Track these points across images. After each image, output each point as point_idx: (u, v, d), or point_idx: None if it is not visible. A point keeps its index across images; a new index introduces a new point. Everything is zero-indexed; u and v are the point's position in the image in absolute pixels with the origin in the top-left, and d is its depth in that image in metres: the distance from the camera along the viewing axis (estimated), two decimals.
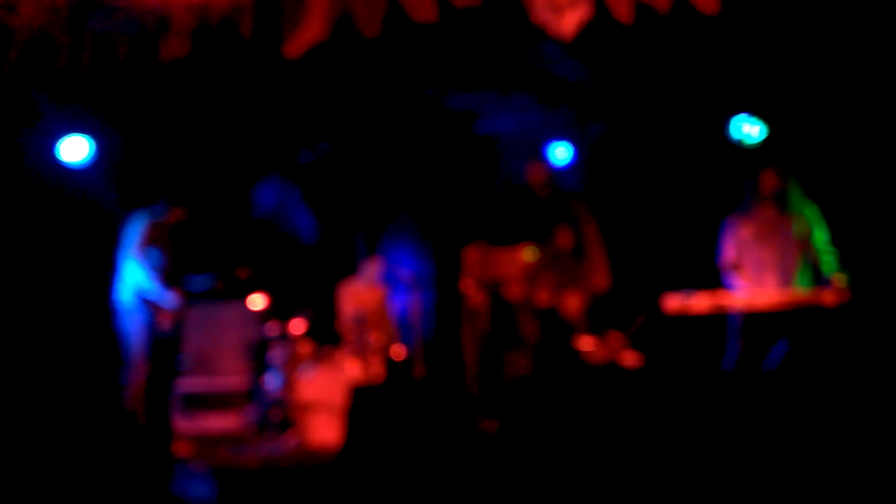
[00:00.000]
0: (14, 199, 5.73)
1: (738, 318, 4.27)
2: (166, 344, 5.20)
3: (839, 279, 4.23)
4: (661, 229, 5.95)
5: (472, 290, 4.71)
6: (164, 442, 4.98)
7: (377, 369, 5.42)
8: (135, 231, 5.00)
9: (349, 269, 6.87)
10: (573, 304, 4.70)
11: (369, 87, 5.98)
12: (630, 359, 5.02)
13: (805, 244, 4.54)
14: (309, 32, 2.89)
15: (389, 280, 7.22)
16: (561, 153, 6.52)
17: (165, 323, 5.01)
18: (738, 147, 5.25)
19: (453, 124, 6.81)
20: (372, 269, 6.35)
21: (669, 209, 5.90)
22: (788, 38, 4.57)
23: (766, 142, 5.22)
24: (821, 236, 4.52)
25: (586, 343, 5.40)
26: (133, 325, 4.95)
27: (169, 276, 5.14)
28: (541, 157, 4.87)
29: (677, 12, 2.81)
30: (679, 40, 4.55)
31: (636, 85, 5.76)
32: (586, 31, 2.89)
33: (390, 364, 5.60)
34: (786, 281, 4.52)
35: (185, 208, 5.27)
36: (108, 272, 5.24)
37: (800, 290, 4.39)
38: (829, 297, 4.17)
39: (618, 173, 6.33)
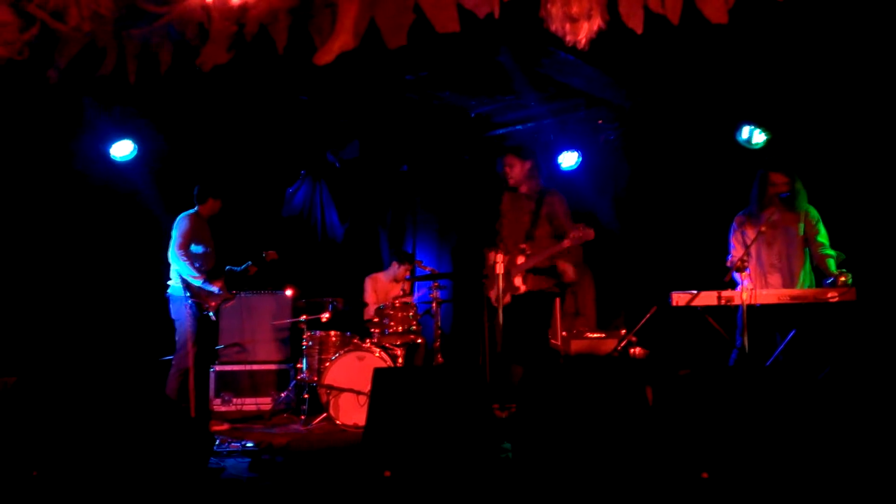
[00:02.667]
0: (65, 194, 5.81)
1: (743, 314, 4.20)
2: (206, 330, 5.26)
3: (844, 278, 4.14)
4: (671, 228, 5.88)
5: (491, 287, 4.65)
6: (202, 420, 5.05)
7: (399, 358, 5.43)
8: (177, 231, 5.08)
9: (374, 263, 6.88)
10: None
11: (393, 92, 5.96)
12: (638, 351, 4.98)
13: (810, 245, 4.45)
14: (338, 41, 2.88)
15: (412, 274, 7.24)
16: (569, 159, 6.48)
17: (212, 308, 5.09)
18: (745, 150, 5.16)
19: (472, 129, 6.80)
20: (399, 270, 6.40)
21: (680, 208, 5.83)
22: (795, 46, 4.48)
23: (771, 145, 5.13)
24: (825, 237, 4.43)
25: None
26: (181, 313, 5.02)
27: (211, 265, 5.21)
28: (524, 155, 4.70)
29: (688, 22, 2.76)
30: (690, 49, 4.48)
31: (648, 91, 5.69)
32: (600, 39, 2.85)
33: (410, 352, 5.61)
34: (790, 281, 4.43)
35: (219, 198, 5.31)
36: (158, 262, 5.31)
37: (804, 289, 4.31)
38: (833, 295, 4.09)
39: (630, 175, 6.27)
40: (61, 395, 3.31)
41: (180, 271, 5.02)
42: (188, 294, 4.95)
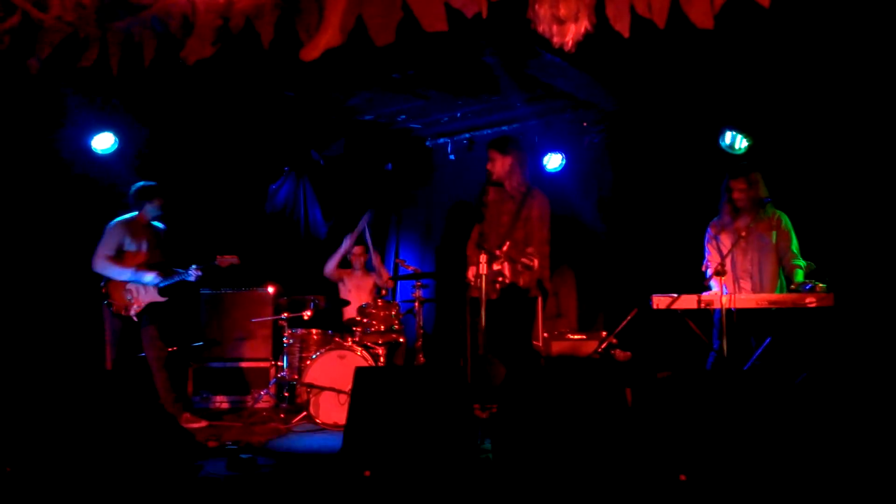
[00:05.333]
0: (45, 186, 5.71)
1: (721, 318, 4.23)
2: (185, 327, 5.20)
3: (819, 286, 4.18)
4: (653, 231, 5.92)
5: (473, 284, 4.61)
6: (180, 419, 4.99)
7: (381, 357, 5.41)
8: (108, 236, 5.04)
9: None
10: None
11: (379, 90, 5.94)
12: (619, 354, 5.00)
13: (782, 253, 4.49)
14: (325, 37, 2.85)
15: (394, 273, 7.23)
16: (554, 160, 6.50)
17: (125, 311, 5.01)
18: (728, 155, 5.20)
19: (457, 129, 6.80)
20: (360, 259, 6.42)
21: (662, 212, 5.86)
22: (779, 52, 4.53)
23: (753, 150, 5.18)
24: (796, 247, 4.47)
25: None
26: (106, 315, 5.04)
27: (145, 267, 5.12)
28: (504, 149, 4.46)
29: (674, 27, 2.77)
30: (676, 53, 4.51)
31: (634, 94, 5.72)
32: (587, 42, 2.85)
33: (392, 351, 5.60)
34: (759, 287, 4.47)
35: (161, 199, 5.19)
36: None
37: (783, 294, 4.35)
38: (811, 300, 4.13)
39: (614, 178, 6.30)
40: (35, 391, 3.26)
41: (108, 275, 5.01)
42: (105, 298, 4.97)
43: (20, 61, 3.18)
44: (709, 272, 4.48)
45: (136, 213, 5.19)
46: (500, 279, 4.35)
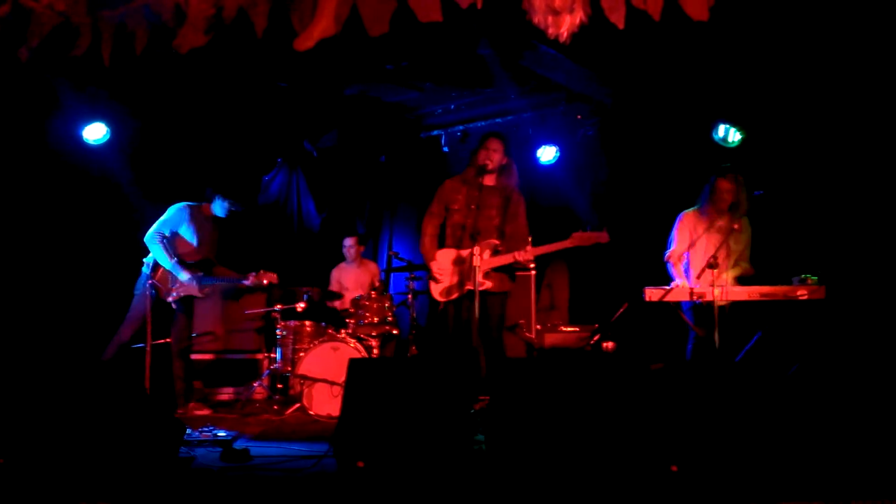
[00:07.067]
0: (35, 177, 5.68)
1: (714, 311, 4.23)
2: (177, 316, 5.18)
3: (811, 279, 4.20)
4: (647, 223, 5.92)
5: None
6: (174, 409, 4.99)
7: (374, 349, 5.41)
8: (170, 216, 4.98)
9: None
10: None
11: (372, 81, 5.92)
12: (608, 345, 5.03)
13: (742, 250, 4.52)
14: (319, 27, 2.84)
15: (387, 265, 7.22)
16: (548, 153, 6.50)
17: (169, 298, 4.97)
18: (719, 149, 5.21)
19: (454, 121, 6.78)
20: (351, 251, 6.41)
21: (656, 205, 5.87)
22: (773, 45, 4.54)
23: (746, 144, 5.19)
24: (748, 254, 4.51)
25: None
26: (140, 290, 4.95)
27: (197, 261, 5.09)
28: (507, 146, 4.52)
29: (669, 19, 2.77)
30: (670, 45, 4.51)
31: (628, 87, 5.72)
32: (582, 33, 2.85)
33: (385, 343, 5.60)
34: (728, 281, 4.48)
35: (234, 202, 5.19)
36: (130, 248, 5.21)
37: (774, 287, 4.36)
38: (803, 293, 4.15)
39: (608, 171, 6.30)
40: (28, 381, 3.24)
41: (154, 254, 4.96)
42: (151, 277, 4.91)
43: (11, 50, 3.15)
44: (670, 266, 4.57)
45: (204, 203, 5.15)
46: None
